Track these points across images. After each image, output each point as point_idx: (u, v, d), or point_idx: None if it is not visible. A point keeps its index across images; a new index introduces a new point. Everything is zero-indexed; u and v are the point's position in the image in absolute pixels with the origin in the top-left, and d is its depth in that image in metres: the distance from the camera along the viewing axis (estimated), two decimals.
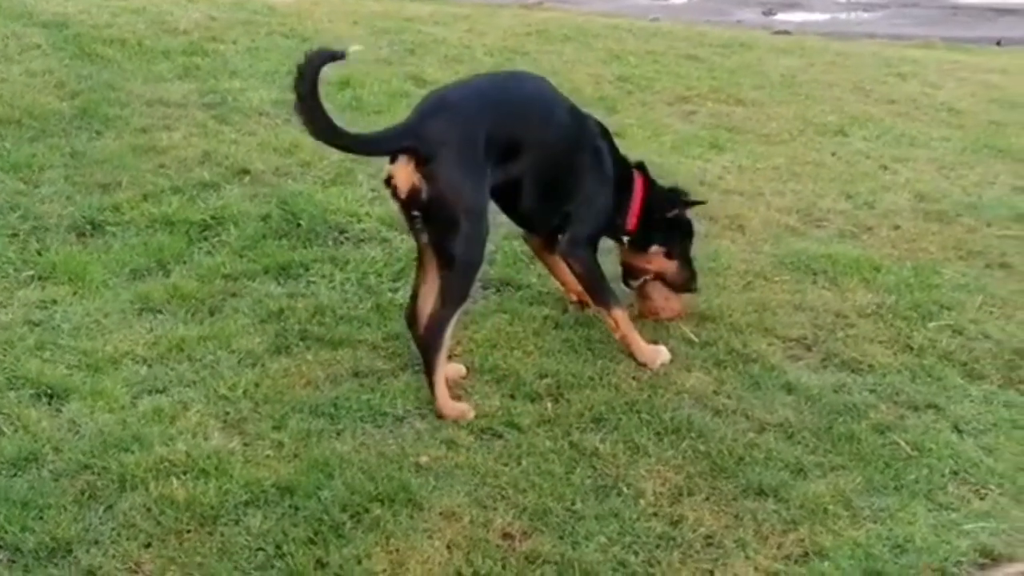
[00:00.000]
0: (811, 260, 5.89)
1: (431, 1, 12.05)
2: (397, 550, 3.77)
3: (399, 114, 5.46)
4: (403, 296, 5.25)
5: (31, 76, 7.70)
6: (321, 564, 3.70)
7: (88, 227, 5.83)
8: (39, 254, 5.50)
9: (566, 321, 5.19)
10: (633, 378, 4.81)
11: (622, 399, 4.64)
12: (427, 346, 4.47)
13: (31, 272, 5.40)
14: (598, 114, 7.42)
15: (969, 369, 5.07)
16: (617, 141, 5.44)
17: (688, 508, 4.07)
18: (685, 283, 5.16)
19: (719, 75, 9.49)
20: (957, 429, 4.65)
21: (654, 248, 5.09)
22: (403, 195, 4.45)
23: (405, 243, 5.55)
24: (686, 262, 5.14)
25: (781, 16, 18.35)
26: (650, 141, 7.58)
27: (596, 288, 4.91)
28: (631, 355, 4.89)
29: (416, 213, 4.49)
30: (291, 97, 5.91)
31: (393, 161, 4.48)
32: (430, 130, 4.46)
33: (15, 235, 5.71)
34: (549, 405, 4.58)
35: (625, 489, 4.16)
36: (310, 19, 10.06)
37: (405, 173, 4.42)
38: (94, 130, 6.92)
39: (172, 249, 5.60)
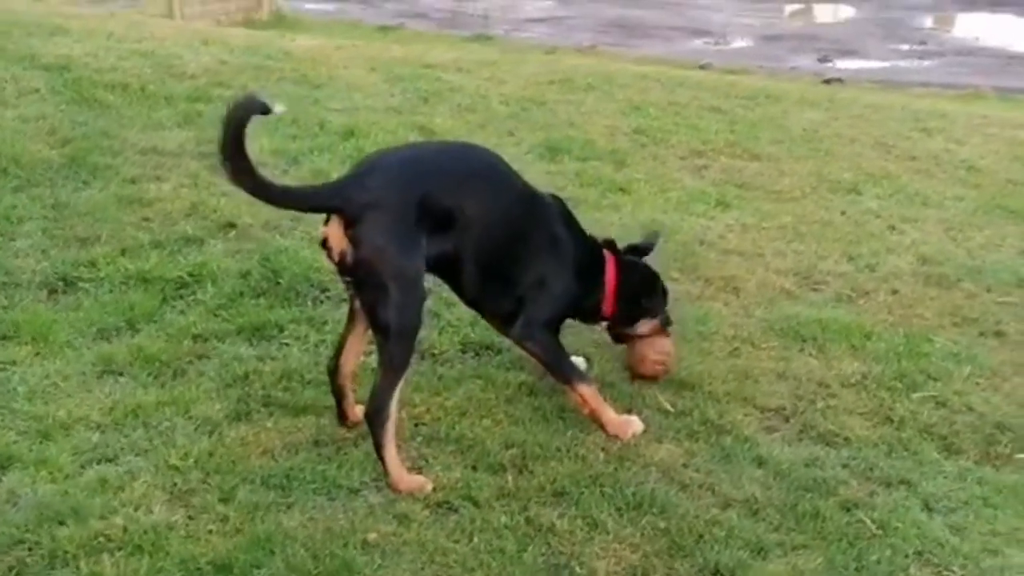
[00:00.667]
0: (801, 326, 5.73)
1: (459, 48, 11.98)
2: None
3: None
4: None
5: (23, 122, 7.64)
6: None
7: (60, 283, 5.73)
8: (4, 311, 5.36)
9: (540, 388, 5.03)
10: (602, 449, 4.64)
11: (587, 472, 4.47)
12: (372, 421, 4.34)
13: None
14: (604, 168, 7.38)
15: (948, 443, 4.91)
16: (620, 198, 5.36)
17: None
18: (667, 322, 5.08)
19: (739, 128, 9.34)
20: (927, 507, 4.48)
21: (643, 322, 4.97)
22: (335, 257, 4.31)
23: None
24: (664, 314, 5.06)
25: (838, 63, 18.25)
26: (655, 197, 7.42)
27: (558, 369, 4.74)
28: (602, 429, 4.67)
29: (348, 277, 4.35)
30: (292, 147, 5.78)
31: (327, 222, 4.32)
32: (359, 192, 4.31)
33: None
34: (510, 478, 4.42)
35: (578, 568, 4.00)
36: (325, 65, 10.01)
37: (336, 235, 4.29)
38: (81, 180, 6.84)
39: (143, 308, 5.49)
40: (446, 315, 5.47)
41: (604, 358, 5.24)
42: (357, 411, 4.72)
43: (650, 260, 5.04)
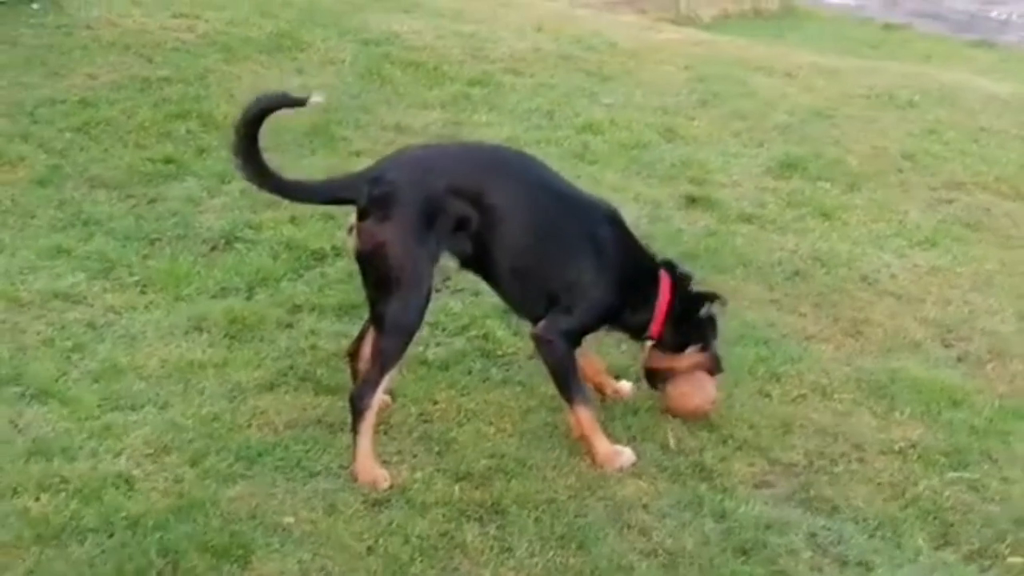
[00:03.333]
0: (892, 382, 5.30)
1: (951, 54, 11.43)
2: None
3: None
4: (433, 353, 5.28)
5: (304, 90, 8.21)
6: None
7: (222, 241, 6.23)
8: (151, 261, 5.91)
9: (561, 405, 4.89)
10: (575, 473, 4.55)
11: (541, 494, 4.40)
12: (352, 406, 4.42)
13: (136, 278, 5.84)
14: (828, 191, 7.08)
15: (946, 532, 4.39)
16: (813, 223, 6.18)
17: None
18: (716, 365, 4.86)
19: None
20: None
21: (690, 350, 4.78)
22: (351, 249, 4.46)
23: (476, 300, 5.61)
24: (714, 352, 4.82)
25: None
26: (857, 227, 7.09)
27: (564, 382, 4.60)
28: (590, 456, 4.60)
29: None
30: (525, 135, 5.83)
31: None
32: (373, 185, 4.39)
33: (156, 240, 6.22)
34: (466, 487, 4.43)
35: None
36: (640, 60, 10.01)
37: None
38: (312, 148, 7.32)
39: (268, 272, 5.88)
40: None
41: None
42: None
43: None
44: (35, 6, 9.27)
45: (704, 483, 4.52)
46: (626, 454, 4.57)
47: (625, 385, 4.95)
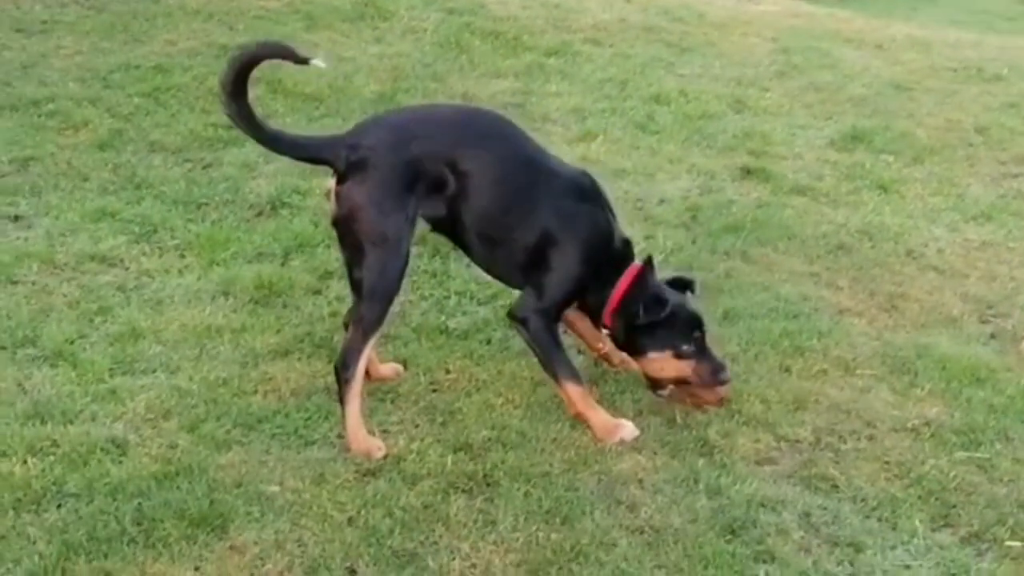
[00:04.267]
0: (918, 358, 5.00)
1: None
2: (143, 573, 3.66)
3: None
4: (455, 323, 5.15)
5: (379, 59, 8.17)
6: (62, 572, 3.67)
7: (268, 207, 6.16)
8: (194, 225, 5.86)
9: (592, 375, 4.75)
10: (576, 447, 4.36)
11: (537, 467, 4.21)
12: (337, 376, 4.30)
13: (177, 242, 5.81)
14: (891, 164, 6.76)
15: (946, 513, 4.10)
16: (868, 196, 6.16)
17: None
18: (711, 379, 4.46)
19: None
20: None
21: (652, 354, 4.44)
22: (329, 213, 4.35)
23: None
24: (702, 356, 4.45)
25: None
26: (914, 201, 6.83)
27: (546, 359, 4.39)
28: (589, 430, 4.40)
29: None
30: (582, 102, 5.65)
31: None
32: (350, 149, 4.24)
33: (203, 205, 6.18)
34: (460, 459, 4.27)
35: (430, 561, 3.80)
36: (724, 31, 9.73)
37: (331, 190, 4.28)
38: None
39: (305, 238, 5.78)
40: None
41: None
42: (381, 367, 4.74)
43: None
44: None
45: (703, 459, 4.28)
46: (626, 427, 4.35)
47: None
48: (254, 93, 6.95)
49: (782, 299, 5.42)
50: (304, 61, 4.38)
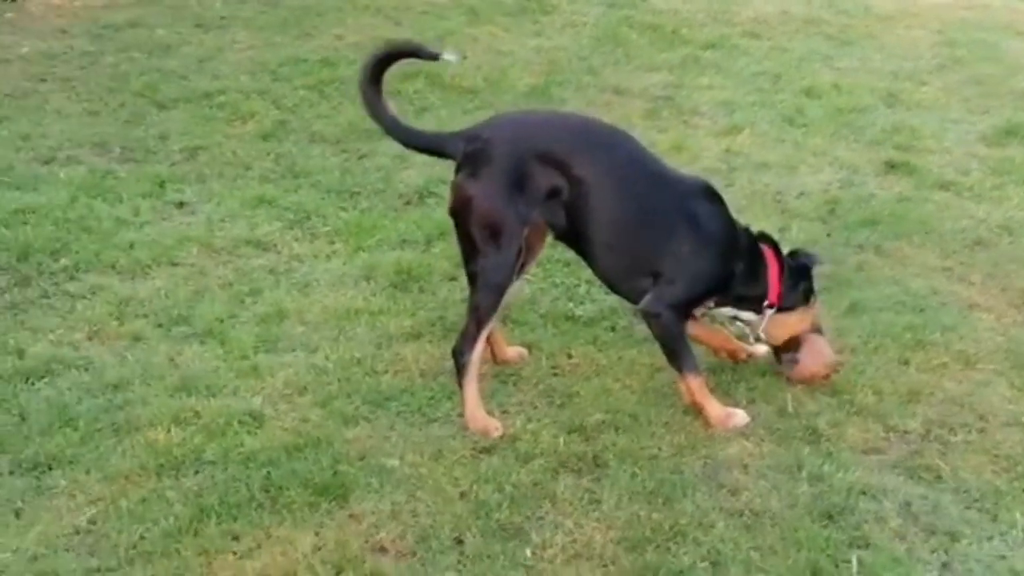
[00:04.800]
0: None
1: None
2: (268, 536, 3.90)
3: None
4: (582, 310, 5.32)
5: (536, 52, 8.37)
6: (194, 533, 3.94)
7: (416, 196, 6.43)
8: (345, 212, 6.15)
9: (708, 365, 4.85)
10: (686, 431, 4.51)
11: (646, 450, 4.34)
12: (455, 359, 4.49)
13: (328, 229, 6.12)
14: (1018, 153, 6.68)
15: None
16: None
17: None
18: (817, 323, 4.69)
19: None
20: (944, 566, 3.84)
21: (801, 308, 4.68)
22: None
23: None
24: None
25: None
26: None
27: (673, 353, 4.51)
28: (703, 419, 4.53)
29: None
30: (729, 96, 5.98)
31: None
32: (468, 143, 4.44)
33: (356, 194, 6.49)
34: (573, 439, 4.42)
35: (533, 535, 3.94)
36: (889, 24, 9.62)
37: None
38: (527, 107, 7.42)
39: (449, 227, 5.98)
40: None
41: None
42: (507, 351, 4.95)
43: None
44: None
45: (809, 446, 4.34)
46: (739, 415, 4.46)
47: (760, 347, 4.81)
48: (413, 87, 7.32)
49: (911, 293, 5.42)
50: (434, 57, 4.58)
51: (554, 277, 5.47)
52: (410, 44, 4.74)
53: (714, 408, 4.43)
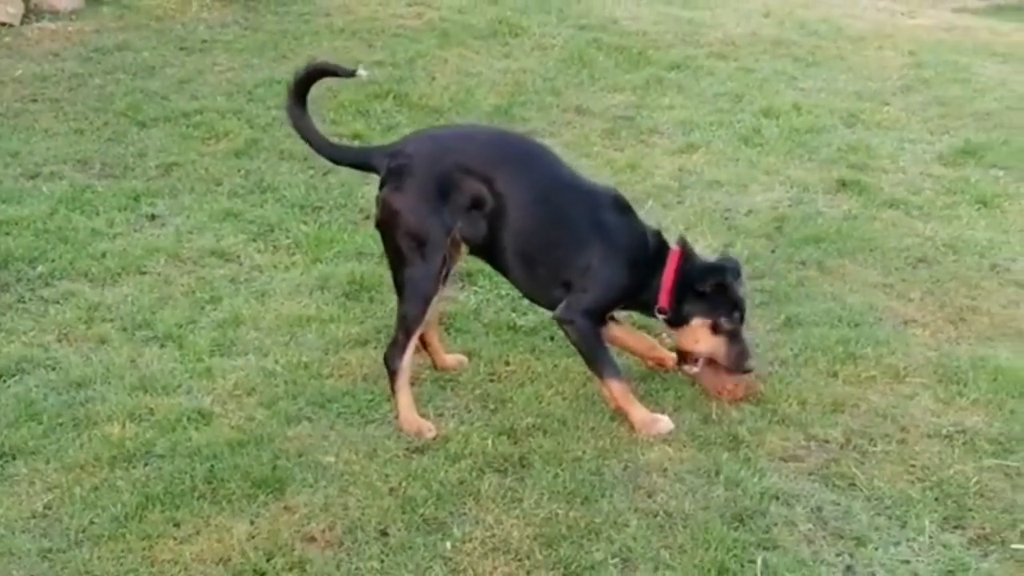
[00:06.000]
0: (972, 369, 5.12)
1: None
2: (207, 524, 4.14)
3: None
4: (525, 320, 5.53)
5: (503, 73, 8.61)
6: (139, 520, 4.19)
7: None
8: (310, 227, 6.39)
9: (637, 373, 5.09)
10: (611, 436, 4.71)
11: (571, 452, 4.53)
12: (387, 368, 4.72)
13: (289, 241, 6.35)
14: (999, 180, 6.93)
15: (959, 515, 4.24)
16: (962, 211, 6.27)
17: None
18: (736, 362, 4.75)
19: None
20: (848, 569, 4.02)
21: (696, 321, 4.74)
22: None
23: None
24: (734, 339, 4.75)
25: None
26: (1018, 214, 6.84)
27: (591, 358, 4.71)
28: (629, 423, 4.72)
29: None
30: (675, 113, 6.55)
31: None
32: (392, 159, 4.67)
33: (318, 208, 6.71)
34: (502, 442, 4.60)
35: (455, 529, 4.16)
36: (861, 45, 9.79)
37: None
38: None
39: None
40: None
41: None
42: (446, 358, 5.16)
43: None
44: None
45: (728, 452, 4.53)
46: (663, 421, 4.65)
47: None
48: (381, 106, 7.55)
49: (847, 308, 5.59)
50: (351, 74, 4.80)
51: (500, 289, 5.67)
52: (328, 64, 4.99)
53: (638, 412, 4.63)
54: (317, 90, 7.62)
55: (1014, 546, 4.06)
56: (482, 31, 9.38)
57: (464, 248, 4.73)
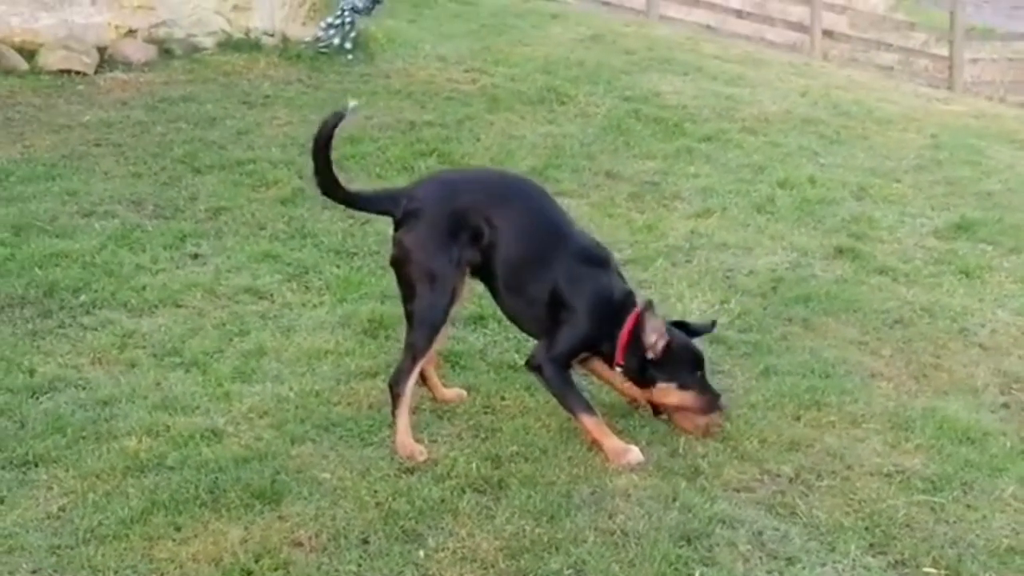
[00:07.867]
0: (922, 418, 5.40)
1: None
2: (205, 528, 4.49)
3: None
4: (522, 358, 5.90)
5: (544, 137, 9.03)
6: (144, 523, 4.58)
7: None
8: (342, 270, 6.85)
9: (620, 410, 5.40)
10: (586, 464, 5.03)
11: (546, 477, 4.82)
12: (391, 391, 5.06)
13: (321, 283, 6.77)
14: (986, 253, 7.23)
15: (884, 543, 4.52)
16: (943, 280, 6.60)
17: None
18: (707, 408, 5.08)
19: None
20: None
21: (661, 385, 5.03)
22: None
23: None
24: (702, 388, 5.07)
25: None
26: (996, 285, 7.10)
27: (562, 399, 5.03)
28: (604, 455, 5.00)
29: None
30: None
31: None
32: (406, 201, 5.06)
33: (354, 254, 7.13)
34: (485, 466, 4.90)
35: (430, 541, 4.47)
36: (883, 126, 10.08)
37: None
38: None
39: None
40: None
41: None
42: (445, 392, 5.51)
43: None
44: (350, 57, 10.50)
45: (687, 481, 4.79)
46: (633, 452, 4.93)
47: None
48: (425, 164, 7.98)
49: (822, 361, 5.86)
50: (344, 113, 5.15)
51: (507, 332, 6.00)
52: (334, 114, 5.24)
53: (611, 443, 4.94)
54: (369, 146, 8.25)
55: (925, 569, 4.34)
56: (531, 97, 9.80)
57: (469, 284, 5.13)
